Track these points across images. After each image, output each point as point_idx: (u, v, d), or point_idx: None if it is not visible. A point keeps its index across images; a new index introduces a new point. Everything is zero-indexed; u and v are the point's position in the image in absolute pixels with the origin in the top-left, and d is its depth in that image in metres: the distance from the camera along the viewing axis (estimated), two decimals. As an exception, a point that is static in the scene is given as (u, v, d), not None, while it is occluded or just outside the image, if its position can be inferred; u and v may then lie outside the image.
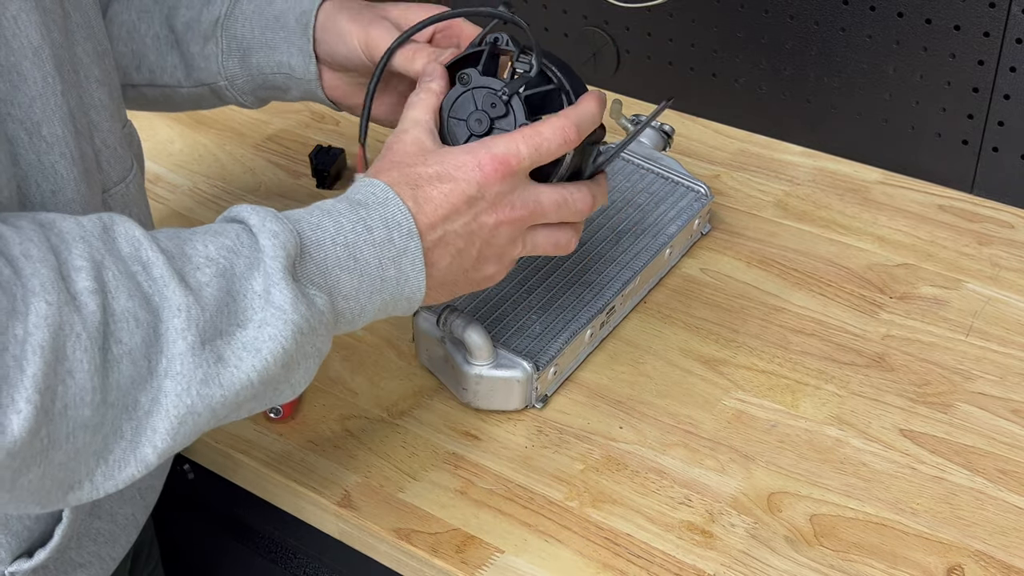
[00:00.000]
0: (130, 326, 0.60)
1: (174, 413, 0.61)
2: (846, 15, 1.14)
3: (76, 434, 0.58)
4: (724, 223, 1.13)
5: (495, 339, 0.91)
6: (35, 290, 0.57)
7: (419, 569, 0.84)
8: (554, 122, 0.76)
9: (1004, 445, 0.89)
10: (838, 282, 1.05)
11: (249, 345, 0.64)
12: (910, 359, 0.97)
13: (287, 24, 0.90)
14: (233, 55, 0.91)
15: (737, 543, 0.83)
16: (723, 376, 0.96)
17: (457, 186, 0.74)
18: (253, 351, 0.64)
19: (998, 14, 1.06)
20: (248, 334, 0.64)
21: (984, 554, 0.82)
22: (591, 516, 0.85)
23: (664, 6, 1.24)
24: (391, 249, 0.71)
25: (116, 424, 0.60)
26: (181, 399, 0.61)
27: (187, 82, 0.92)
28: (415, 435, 0.92)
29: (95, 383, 0.58)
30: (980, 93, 1.11)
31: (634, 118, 1.14)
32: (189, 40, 0.91)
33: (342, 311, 0.70)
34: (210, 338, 0.62)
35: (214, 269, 0.64)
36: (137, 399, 0.60)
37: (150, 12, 0.91)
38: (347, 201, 0.72)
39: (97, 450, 0.60)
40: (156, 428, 0.61)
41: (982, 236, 1.10)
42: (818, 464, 0.88)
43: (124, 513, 0.80)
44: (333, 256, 0.69)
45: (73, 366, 0.57)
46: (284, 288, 0.65)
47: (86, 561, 0.77)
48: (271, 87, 0.93)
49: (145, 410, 0.61)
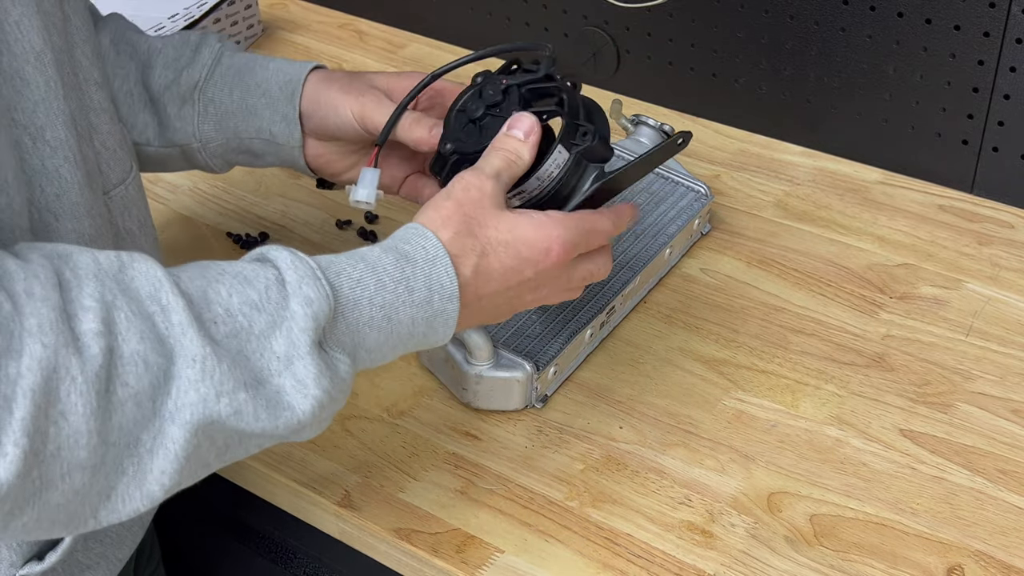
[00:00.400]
0: (138, 369, 0.59)
1: (182, 455, 0.61)
2: (846, 15, 1.14)
3: (72, 475, 0.58)
4: (724, 223, 1.13)
5: (495, 339, 0.91)
6: (32, 330, 0.56)
7: (419, 569, 0.84)
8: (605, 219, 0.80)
9: (1004, 445, 0.89)
10: (838, 282, 1.05)
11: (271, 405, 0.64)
12: (910, 359, 0.97)
13: (269, 91, 0.90)
14: (209, 119, 0.90)
15: (737, 543, 0.83)
16: (723, 376, 0.96)
17: (520, 268, 0.75)
18: (271, 413, 0.64)
19: (998, 14, 1.06)
20: (266, 394, 0.63)
21: (984, 554, 0.82)
22: (591, 516, 0.85)
23: (664, 6, 1.24)
24: (427, 310, 0.71)
25: (117, 462, 0.60)
26: (189, 442, 0.61)
27: (157, 141, 0.91)
28: (415, 435, 0.92)
29: (91, 426, 0.57)
30: (980, 93, 1.11)
31: (634, 118, 1.14)
32: (166, 101, 0.90)
33: (361, 361, 0.70)
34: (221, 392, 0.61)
35: (231, 327, 0.63)
36: (139, 437, 0.60)
37: (125, 68, 0.90)
38: (395, 254, 0.71)
39: (100, 489, 0.60)
40: (164, 469, 0.61)
41: (982, 236, 1.10)
42: (818, 464, 0.88)
43: None
44: (367, 316, 0.68)
45: (67, 408, 0.57)
46: (309, 363, 0.64)
47: (93, 563, 0.78)
48: (245, 151, 0.92)
49: (148, 448, 0.60)
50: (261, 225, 1.15)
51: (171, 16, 1.38)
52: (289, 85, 0.90)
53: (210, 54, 0.91)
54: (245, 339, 0.63)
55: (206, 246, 1.13)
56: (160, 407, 0.60)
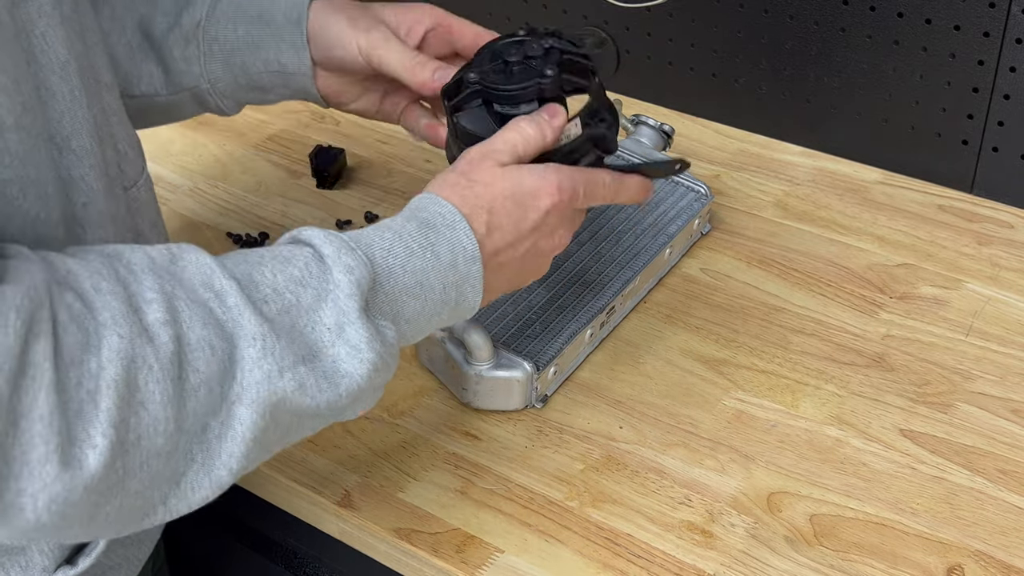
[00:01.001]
0: (206, 354, 0.60)
1: (249, 437, 0.62)
2: (846, 15, 1.14)
3: (150, 462, 0.59)
4: (724, 223, 1.13)
5: (495, 339, 0.91)
6: (107, 323, 0.57)
7: (419, 569, 0.84)
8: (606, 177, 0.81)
9: (1004, 445, 0.89)
10: (838, 282, 1.05)
11: (329, 376, 0.65)
12: (910, 359, 0.97)
13: (273, 20, 0.89)
14: (215, 57, 0.90)
15: (737, 543, 0.83)
16: (723, 376, 0.96)
17: (527, 212, 0.76)
18: (331, 383, 0.65)
19: (998, 14, 1.06)
20: (323, 366, 0.65)
21: (984, 554, 0.82)
22: (591, 516, 0.85)
23: (664, 6, 1.24)
24: (454, 274, 0.72)
25: (187, 449, 0.61)
26: (257, 424, 0.62)
27: (166, 89, 0.91)
28: (415, 435, 0.92)
29: (168, 413, 0.59)
30: (980, 93, 1.11)
31: (634, 118, 1.14)
32: (171, 44, 0.89)
33: (404, 333, 0.71)
34: (284, 368, 0.63)
35: (280, 304, 0.64)
36: (208, 423, 0.61)
37: (121, 20, 0.90)
38: (416, 222, 0.72)
39: (170, 476, 0.61)
40: (232, 452, 0.62)
41: (982, 236, 1.10)
42: (818, 464, 0.88)
43: None
44: (403, 284, 0.70)
45: (146, 397, 0.58)
46: (360, 327, 0.65)
47: (116, 564, 0.78)
48: (255, 88, 0.92)
49: (216, 434, 0.61)
50: (261, 225, 1.15)
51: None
52: (294, 10, 0.89)
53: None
54: (296, 315, 0.64)
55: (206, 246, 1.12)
56: (227, 391, 0.61)
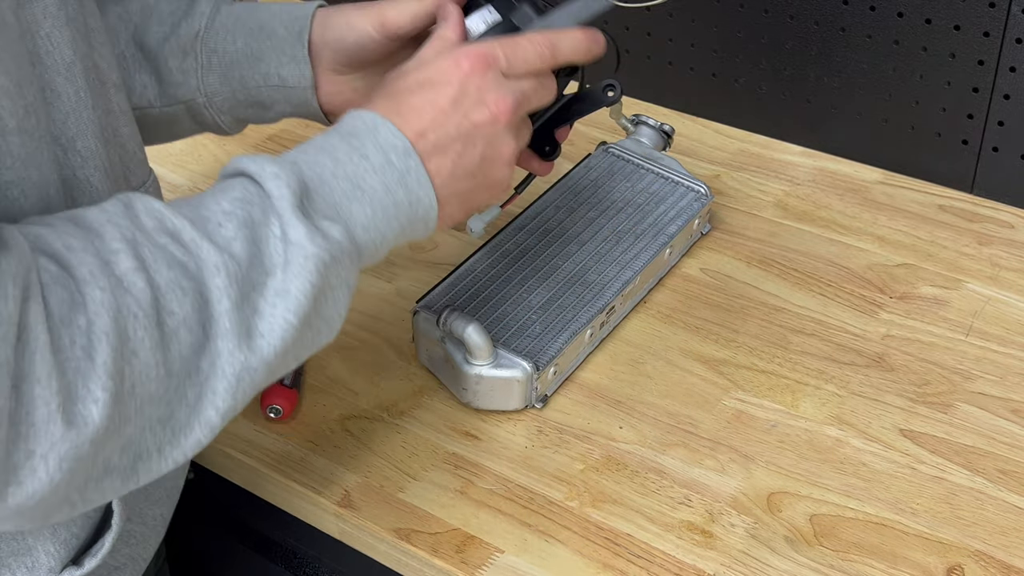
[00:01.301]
0: (178, 296, 0.60)
1: (230, 371, 0.62)
2: (846, 15, 1.14)
3: (144, 409, 0.59)
4: (724, 223, 1.13)
5: (495, 339, 0.91)
6: (86, 279, 0.58)
7: (419, 569, 0.84)
8: (533, 36, 0.78)
9: (1004, 445, 0.89)
10: (838, 282, 1.05)
11: (280, 290, 0.64)
12: (910, 359, 0.97)
13: (275, 33, 0.87)
14: (214, 70, 0.88)
15: (737, 543, 0.83)
16: (723, 376, 0.96)
17: (439, 89, 0.74)
18: (283, 294, 0.64)
19: (998, 14, 1.06)
20: (276, 280, 0.64)
21: (984, 554, 0.82)
22: (591, 516, 0.85)
23: (664, 6, 1.24)
24: (392, 172, 0.70)
25: (180, 392, 0.61)
26: (234, 356, 0.62)
27: (160, 101, 0.89)
28: (415, 435, 0.92)
29: (157, 358, 0.59)
30: (980, 93, 1.11)
31: (634, 118, 1.14)
32: (166, 55, 0.87)
33: (363, 243, 0.69)
34: (247, 292, 0.62)
35: (235, 222, 0.64)
36: (199, 366, 0.61)
37: (115, 30, 0.88)
38: (338, 135, 0.71)
39: (162, 418, 0.61)
40: (216, 390, 0.62)
41: (982, 236, 1.10)
42: (818, 464, 0.88)
43: (154, 514, 0.80)
44: (339, 189, 0.68)
45: (136, 346, 0.58)
46: (297, 224, 0.64)
47: (121, 564, 0.78)
48: (254, 103, 0.89)
49: (205, 374, 0.61)
50: (261, 225, 1.14)
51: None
52: (296, 23, 0.87)
53: (208, 3, 0.88)
54: (252, 227, 0.64)
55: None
56: (209, 329, 0.61)
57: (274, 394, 0.92)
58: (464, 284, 0.97)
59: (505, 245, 1.02)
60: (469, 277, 0.98)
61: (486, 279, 0.98)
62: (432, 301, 0.96)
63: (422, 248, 1.11)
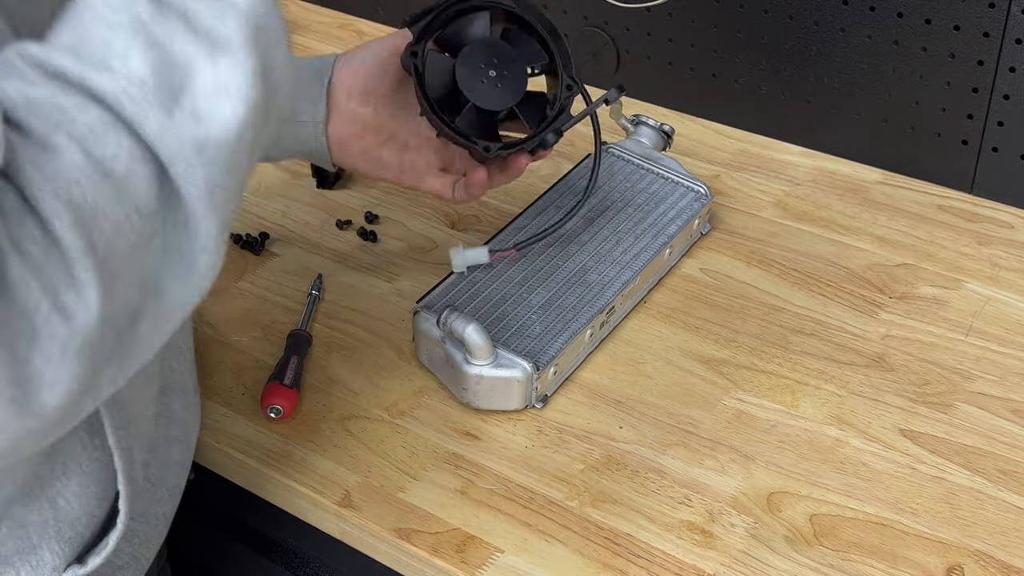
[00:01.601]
0: (103, 136, 0.54)
1: (194, 194, 0.56)
2: (846, 15, 1.14)
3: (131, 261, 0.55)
4: (724, 223, 1.13)
5: (495, 339, 0.91)
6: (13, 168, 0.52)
7: (419, 569, 0.84)
8: None
9: (1004, 445, 0.89)
10: (838, 282, 1.05)
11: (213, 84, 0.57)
12: (910, 359, 0.97)
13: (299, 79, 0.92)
14: None
15: (737, 543, 0.83)
16: (723, 376, 0.96)
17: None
18: (223, 89, 0.57)
19: (998, 14, 1.06)
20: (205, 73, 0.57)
21: (984, 554, 0.82)
22: (591, 516, 0.85)
23: (664, 6, 1.24)
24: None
25: (154, 232, 0.56)
26: (200, 177, 0.56)
27: None
28: (415, 435, 0.92)
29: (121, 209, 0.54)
30: (980, 93, 1.11)
31: (634, 118, 1.14)
32: None
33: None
34: (171, 103, 0.56)
35: (123, 32, 0.56)
36: (161, 200, 0.56)
37: None
38: None
39: (162, 245, 0.56)
40: (202, 216, 0.57)
41: (982, 236, 1.10)
42: (818, 464, 0.88)
43: (157, 513, 0.81)
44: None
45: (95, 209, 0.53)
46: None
47: (124, 563, 0.78)
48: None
49: (171, 207, 0.56)
50: (261, 225, 1.14)
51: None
52: (319, 69, 0.92)
53: None
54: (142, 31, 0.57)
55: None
56: (155, 158, 0.55)
57: (274, 394, 0.92)
58: (464, 284, 0.97)
59: (504, 245, 1.02)
60: (469, 277, 0.98)
61: (486, 279, 0.98)
62: (432, 301, 0.96)
63: (422, 248, 1.11)
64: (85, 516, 0.73)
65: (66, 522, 0.72)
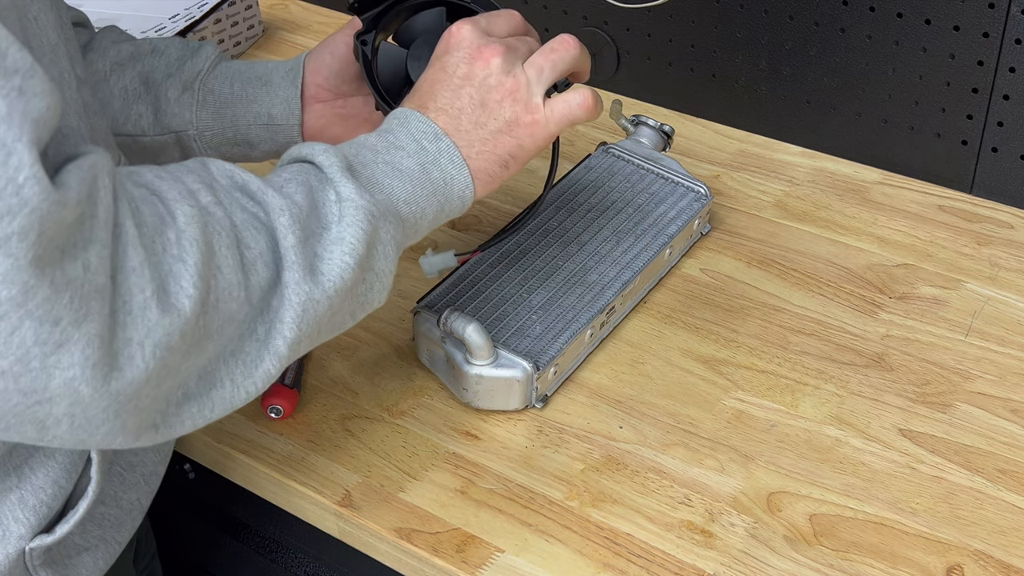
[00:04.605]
0: (252, 233, 0.65)
1: (296, 302, 0.66)
2: (846, 15, 1.14)
3: (224, 329, 0.63)
4: (724, 223, 1.13)
5: (495, 339, 0.91)
6: (175, 198, 0.63)
7: (419, 569, 0.84)
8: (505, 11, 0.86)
9: (1004, 445, 0.89)
10: (838, 282, 1.05)
11: (336, 239, 0.69)
12: (909, 359, 0.97)
13: (270, 81, 0.94)
14: (208, 107, 0.94)
15: (737, 543, 0.83)
16: (723, 376, 0.96)
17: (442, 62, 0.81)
18: (339, 241, 0.69)
19: (998, 15, 1.06)
20: (332, 232, 0.69)
21: (984, 554, 0.82)
22: (591, 516, 0.85)
23: (664, 6, 1.24)
24: (426, 154, 0.77)
25: (252, 326, 0.65)
26: (300, 287, 0.67)
27: (153, 130, 0.94)
28: (415, 435, 0.92)
29: (239, 279, 0.64)
30: (980, 93, 1.11)
31: (634, 118, 1.14)
32: (167, 87, 0.93)
33: (405, 216, 0.75)
34: (308, 236, 0.68)
35: (296, 183, 0.70)
36: (270, 303, 0.66)
37: (123, 67, 0.94)
38: (373, 135, 0.78)
39: (235, 351, 0.65)
40: (283, 319, 0.66)
41: (981, 236, 1.10)
42: (818, 464, 0.88)
43: (129, 499, 0.81)
44: (380, 171, 0.74)
45: (221, 262, 0.63)
46: (348, 183, 0.71)
47: (91, 545, 0.79)
48: (241, 142, 0.95)
49: (275, 310, 0.66)
50: (261, 225, 1.14)
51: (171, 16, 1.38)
52: (290, 72, 0.95)
53: (213, 52, 0.95)
54: (310, 189, 0.70)
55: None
56: (280, 268, 0.66)
57: (275, 394, 0.92)
58: (464, 284, 0.98)
59: (505, 245, 1.02)
60: (469, 277, 0.98)
61: (486, 279, 0.98)
62: (432, 301, 0.96)
63: (422, 248, 1.11)
64: (51, 486, 0.74)
65: (29, 489, 0.73)
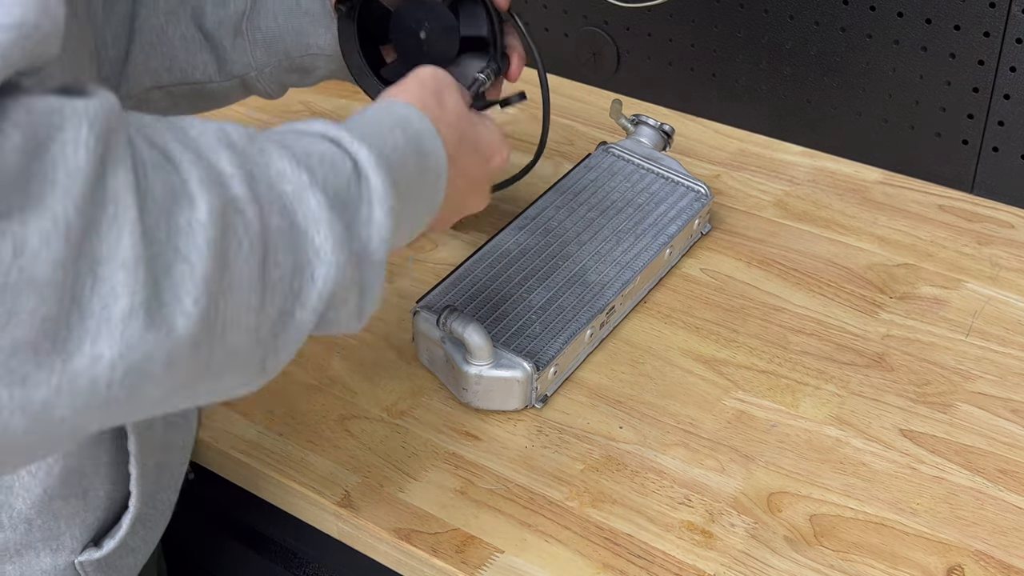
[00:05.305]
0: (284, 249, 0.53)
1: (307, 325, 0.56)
2: (846, 15, 1.14)
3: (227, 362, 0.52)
4: (724, 223, 1.13)
5: (495, 339, 0.91)
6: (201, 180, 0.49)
7: (419, 569, 0.84)
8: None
9: (1004, 445, 0.89)
10: (838, 282, 1.05)
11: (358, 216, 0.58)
12: (910, 359, 0.97)
13: (311, 10, 0.94)
14: (259, 45, 0.95)
15: (737, 543, 0.83)
16: (723, 376, 0.96)
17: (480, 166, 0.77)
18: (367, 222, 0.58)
19: (998, 14, 1.06)
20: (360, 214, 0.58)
21: (984, 554, 0.82)
22: (591, 516, 0.85)
23: (664, 6, 1.24)
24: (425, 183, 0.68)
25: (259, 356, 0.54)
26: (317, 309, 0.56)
27: (219, 76, 0.95)
28: (415, 435, 0.92)
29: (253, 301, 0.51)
30: (980, 93, 1.11)
31: (634, 118, 1.14)
32: (221, 36, 0.94)
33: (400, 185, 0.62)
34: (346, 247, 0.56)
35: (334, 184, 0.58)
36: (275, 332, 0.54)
37: (176, 14, 0.94)
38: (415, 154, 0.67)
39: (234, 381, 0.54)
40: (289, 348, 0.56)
41: (982, 236, 1.10)
42: (818, 464, 0.88)
43: (163, 498, 0.82)
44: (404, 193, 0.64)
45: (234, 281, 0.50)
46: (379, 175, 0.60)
47: (136, 546, 0.80)
48: (297, 70, 0.97)
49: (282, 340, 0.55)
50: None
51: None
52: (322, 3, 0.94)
53: None
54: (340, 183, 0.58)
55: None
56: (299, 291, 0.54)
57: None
58: (464, 284, 0.97)
59: (505, 245, 1.02)
60: (469, 277, 0.98)
61: (486, 279, 0.98)
62: (432, 301, 0.96)
63: (422, 248, 1.11)
64: (106, 501, 0.76)
65: (91, 511, 0.75)
